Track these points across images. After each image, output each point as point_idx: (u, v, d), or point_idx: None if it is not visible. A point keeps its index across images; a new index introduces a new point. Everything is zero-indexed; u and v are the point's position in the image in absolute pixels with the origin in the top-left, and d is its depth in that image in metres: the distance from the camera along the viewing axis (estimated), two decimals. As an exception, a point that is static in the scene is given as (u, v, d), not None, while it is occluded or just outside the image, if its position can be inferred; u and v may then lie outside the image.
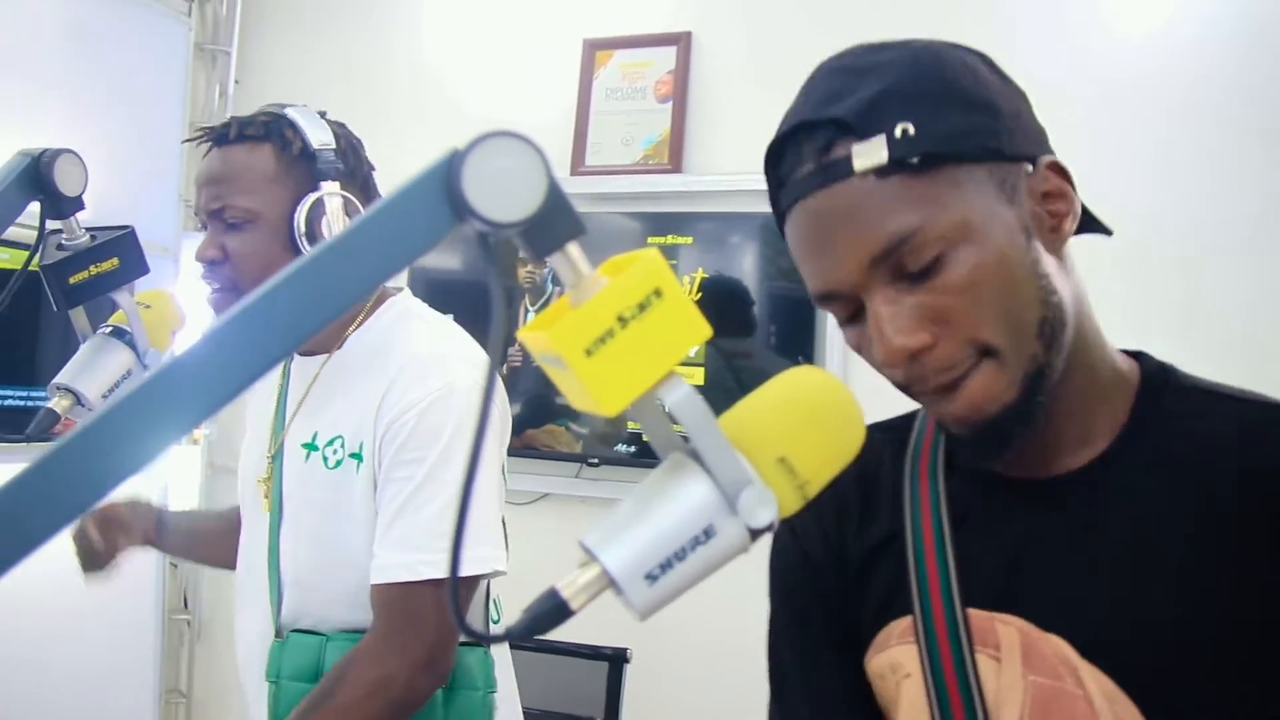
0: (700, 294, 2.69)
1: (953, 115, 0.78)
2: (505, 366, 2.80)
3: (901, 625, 0.88)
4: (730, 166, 2.71)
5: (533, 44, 3.07)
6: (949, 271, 0.77)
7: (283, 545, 1.38)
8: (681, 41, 2.85)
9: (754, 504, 0.63)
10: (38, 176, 1.16)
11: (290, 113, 1.36)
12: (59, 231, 1.24)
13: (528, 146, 0.59)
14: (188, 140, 1.43)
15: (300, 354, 1.43)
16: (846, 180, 0.77)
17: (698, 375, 2.71)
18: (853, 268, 0.78)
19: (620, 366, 0.61)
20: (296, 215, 1.31)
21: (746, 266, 2.73)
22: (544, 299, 2.89)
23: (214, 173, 1.33)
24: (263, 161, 1.33)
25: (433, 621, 1.23)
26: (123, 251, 1.26)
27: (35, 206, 1.19)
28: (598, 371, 0.60)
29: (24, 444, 2.35)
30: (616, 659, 2.34)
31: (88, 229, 1.26)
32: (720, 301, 2.68)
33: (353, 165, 1.38)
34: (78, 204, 1.21)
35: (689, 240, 2.73)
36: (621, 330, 0.61)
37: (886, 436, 0.95)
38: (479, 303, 1.54)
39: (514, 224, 0.60)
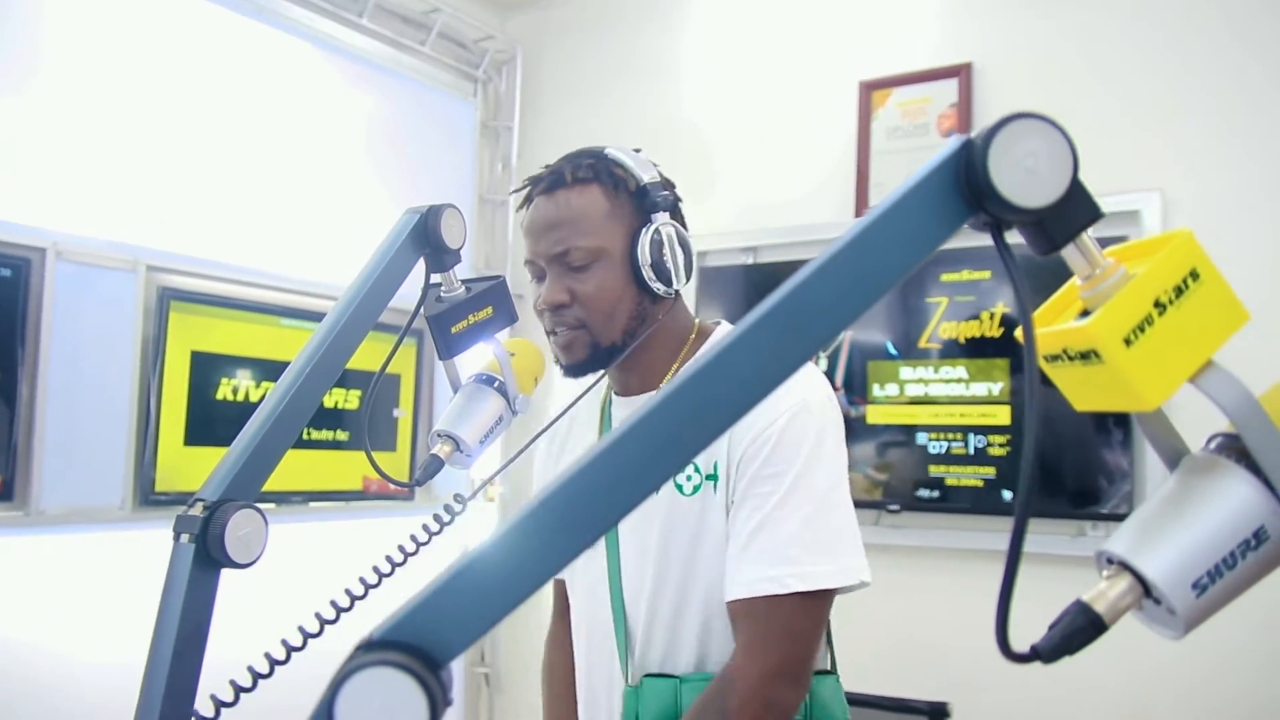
0: (1003, 330, 2.58)
1: None
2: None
3: None
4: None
5: (807, 91, 3.08)
6: None
7: (630, 583, 1.37)
8: (962, 73, 2.78)
9: (1318, 503, 0.56)
10: (425, 231, 1.22)
11: (611, 152, 1.38)
12: (438, 285, 1.30)
13: (1052, 127, 0.56)
14: (514, 191, 1.47)
15: (619, 394, 1.45)
16: None
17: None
18: None
19: (1161, 355, 0.57)
20: (640, 248, 1.32)
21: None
22: (834, 345, 2.85)
23: (551, 218, 1.35)
24: (597, 202, 1.34)
25: (802, 634, 1.22)
26: (496, 300, 1.30)
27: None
28: (1138, 361, 0.56)
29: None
30: (936, 714, 2.23)
31: (462, 281, 1.31)
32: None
33: (673, 198, 1.41)
34: (456, 257, 1.27)
35: (987, 275, 2.63)
36: (1160, 317, 0.57)
37: None
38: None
39: (1038, 210, 0.57)
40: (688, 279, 1.37)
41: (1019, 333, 0.59)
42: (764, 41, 3.19)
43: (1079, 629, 0.58)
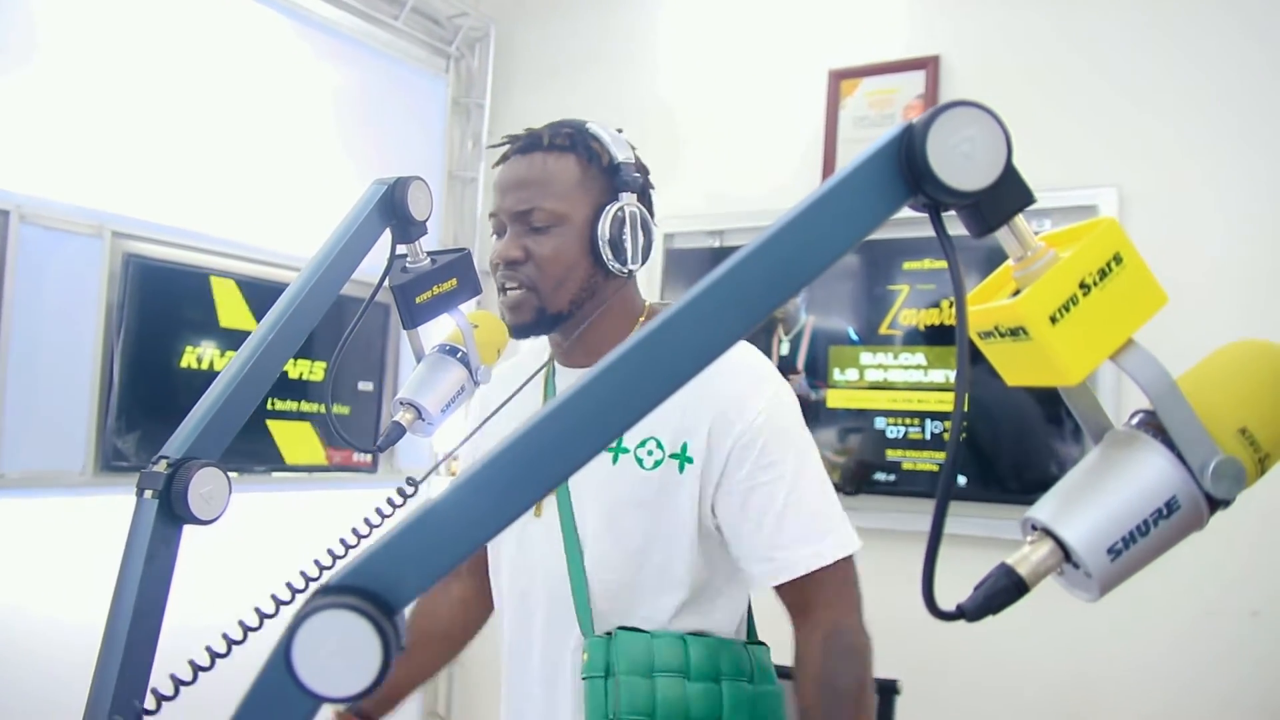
0: (961, 318, 2.63)
1: None
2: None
3: None
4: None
5: (777, 78, 3.10)
6: None
7: (589, 550, 1.38)
8: (930, 66, 2.81)
9: (1225, 475, 0.60)
10: (392, 203, 1.24)
11: (592, 127, 1.41)
12: (404, 255, 1.31)
13: (989, 115, 0.59)
14: (491, 146, 1.48)
15: (565, 365, 1.48)
16: None
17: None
18: None
19: (1084, 333, 0.60)
20: (600, 222, 1.35)
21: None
22: (796, 329, 2.89)
23: (522, 177, 1.38)
24: (569, 170, 1.37)
25: (857, 587, 1.35)
26: (460, 272, 1.32)
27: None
28: (1063, 338, 0.60)
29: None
30: (886, 690, 2.28)
31: (428, 253, 1.33)
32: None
33: (643, 181, 1.43)
34: (422, 228, 1.28)
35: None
36: (1084, 297, 0.60)
37: None
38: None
39: (973, 193, 0.60)
40: (644, 261, 1.40)
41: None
42: (736, 27, 3.21)
43: (1002, 589, 0.61)
